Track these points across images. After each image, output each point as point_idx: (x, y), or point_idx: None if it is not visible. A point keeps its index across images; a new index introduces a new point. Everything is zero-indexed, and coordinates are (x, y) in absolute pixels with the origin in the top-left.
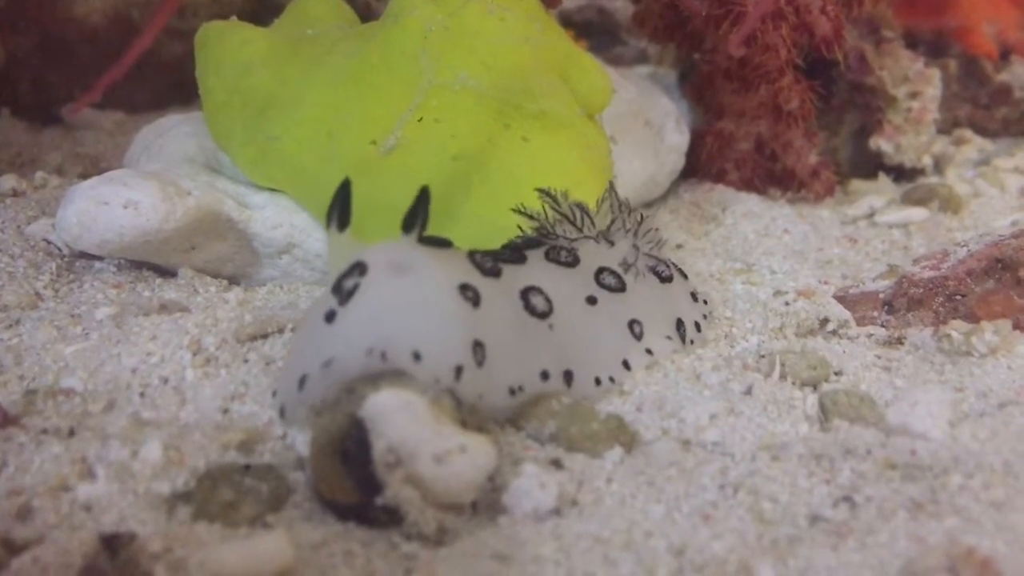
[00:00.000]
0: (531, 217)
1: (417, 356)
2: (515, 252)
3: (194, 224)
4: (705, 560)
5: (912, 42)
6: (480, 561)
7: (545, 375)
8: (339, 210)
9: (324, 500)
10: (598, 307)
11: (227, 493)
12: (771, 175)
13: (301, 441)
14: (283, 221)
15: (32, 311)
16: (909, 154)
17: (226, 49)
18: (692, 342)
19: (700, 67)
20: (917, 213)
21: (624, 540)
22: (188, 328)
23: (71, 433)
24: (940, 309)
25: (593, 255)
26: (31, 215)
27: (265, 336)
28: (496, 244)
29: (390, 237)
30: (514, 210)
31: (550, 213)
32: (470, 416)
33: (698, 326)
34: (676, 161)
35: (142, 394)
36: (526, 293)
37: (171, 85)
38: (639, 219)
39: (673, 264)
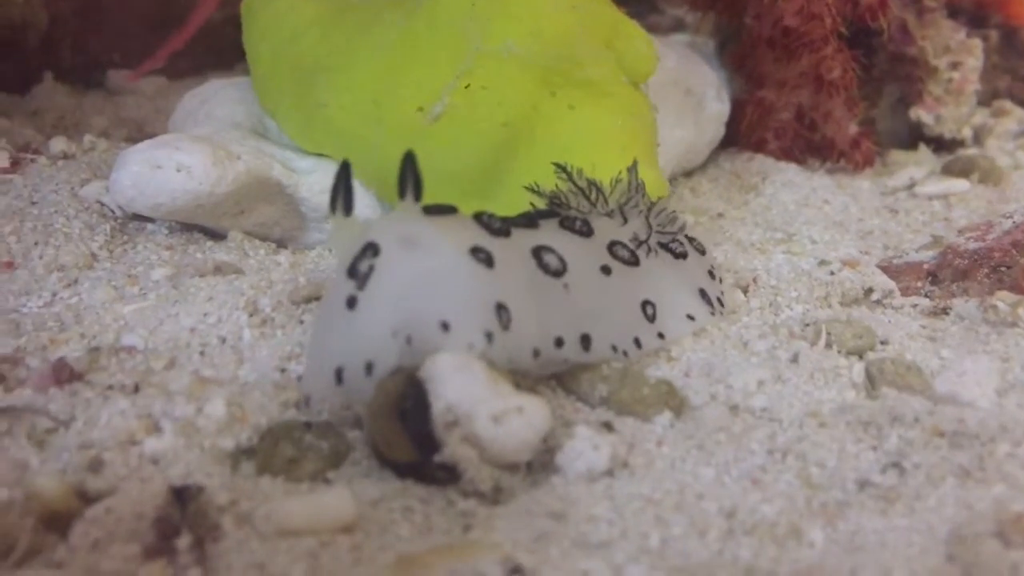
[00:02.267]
0: (543, 195)
1: (445, 326)
2: (527, 218)
3: (244, 188)
4: (755, 522)
5: (953, 12)
6: (536, 519)
7: (560, 341)
8: (343, 194)
9: (383, 458)
10: (612, 277)
11: (289, 450)
12: (810, 145)
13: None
14: (329, 186)
15: (89, 271)
16: (949, 125)
17: (273, 16)
18: (719, 313)
19: (741, 36)
20: (958, 184)
21: (675, 501)
22: (243, 289)
23: (136, 389)
24: (985, 280)
25: (607, 229)
26: (84, 178)
27: (319, 298)
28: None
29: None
30: (527, 188)
31: (565, 187)
32: (522, 379)
33: (720, 301)
34: (716, 130)
35: (202, 353)
36: (538, 251)
37: (211, 50)
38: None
39: (691, 240)
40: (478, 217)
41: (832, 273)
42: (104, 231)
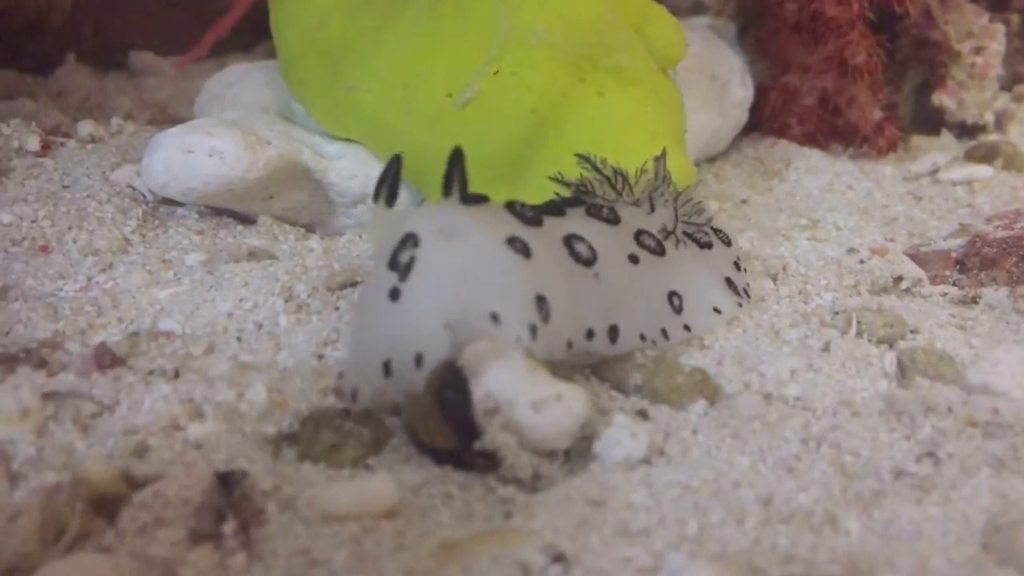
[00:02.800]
0: (568, 185)
1: (495, 318)
2: (555, 207)
3: (274, 173)
4: (792, 510)
5: None
6: (575, 507)
7: (591, 332)
8: (389, 185)
9: (422, 445)
10: (640, 266)
11: (330, 436)
12: (834, 130)
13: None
14: (358, 172)
15: (123, 255)
16: (971, 110)
17: (300, 0)
18: (745, 303)
19: (765, 20)
20: (981, 171)
21: (712, 489)
22: (278, 275)
23: (176, 375)
24: (1013, 269)
25: (633, 217)
26: (114, 161)
27: (354, 284)
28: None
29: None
30: (551, 178)
31: (590, 175)
32: (559, 368)
33: (746, 292)
34: (740, 116)
35: (239, 338)
36: (569, 240)
37: (230, 31)
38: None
39: (716, 231)
40: (510, 206)
41: (862, 261)
42: (136, 215)
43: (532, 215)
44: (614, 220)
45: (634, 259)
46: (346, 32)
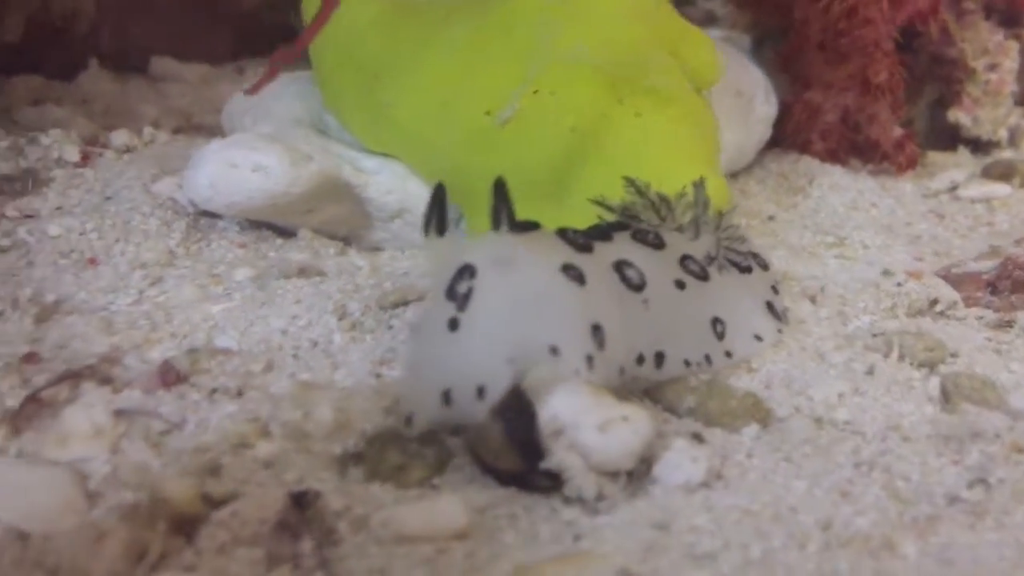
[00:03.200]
0: (611, 208)
1: (555, 351)
2: (601, 231)
3: (317, 188)
4: (850, 535)
5: (987, 11)
6: (640, 530)
7: (641, 358)
8: (437, 215)
9: (485, 466)
10: (686, 292)
11: (396, 456)
12: (854, 146)
13: None
14: (396, 187)
15: (170, 268)
16: (986, 127)
17: (337, 15)
18: (780, 330)
19: (788, 36)
20: (1000, 189)
21: (773, 513)
22: (331, 293)
23: (239, 393)
24: None
25: (677, 242)
26: (153, 172)
27: (406, 304)
28: (609, 218)
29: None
30: (593, 201)
31: (635, 199)
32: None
33: (785, 316)
34: (764, 131)
35: (295, 356)
36: (619, 266)
37: (247, 36)
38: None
39: (754, 255)
40: (561, 233)
41: (899, 284)
42: (179, 228)
43: (583, 241)
44: (660, 245)
45: (680, 285)
46: (384, 48)
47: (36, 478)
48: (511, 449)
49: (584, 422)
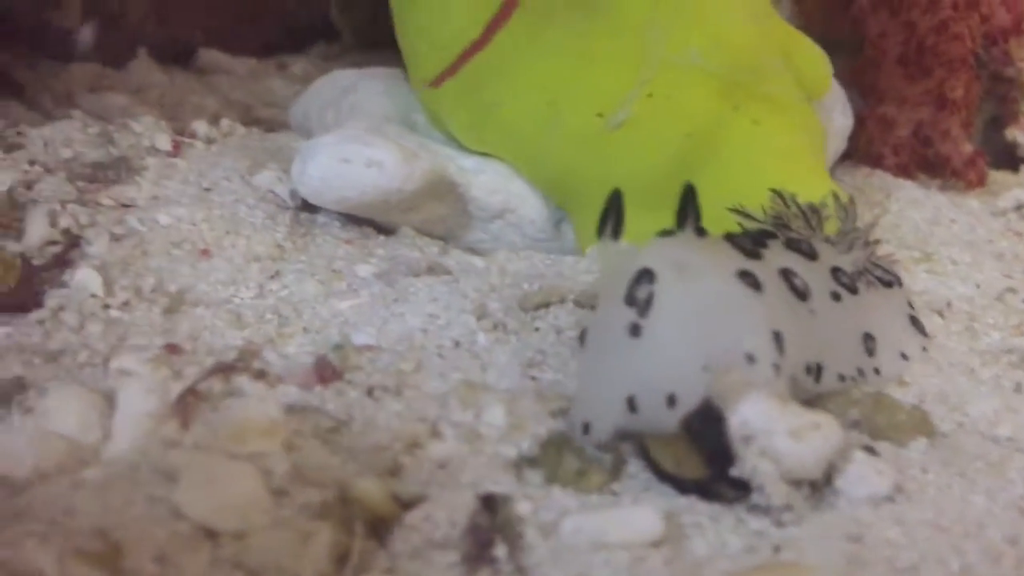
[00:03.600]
0: (751, 217)
1: (751, 358)
2: (756, 238)
3: (427, 186)
4: None
5: None
6: (835, 542)
7: (808, 368)
8: (614, 219)
9: (663, 474)
10: (841, 304)
11: (574, 461)
12: (924, 162)
13: None
14: (501, 187)
15: (284, 263)
16: None
17: (428, 8)
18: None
19: (864, 50)
20: None
21: (962, 529)
22: (467, 292)
23: (398, 391)
24: None
25: (827, 254)
26: (247, 164)
27: (548, 305)
28: (725, 227)
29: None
30: (732, 210)
31: (784, 210)
32: None
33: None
34: (840, 144)
35: (440, 355)
36: (786, 273)
37: (283, 31)
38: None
39: (891, 270)
40: (729, 238)
41: None
42: (284, 222)
43: (752, 248)
44: (813, 256)
45: (836, 296)
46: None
47: (221, 473)
48: (697, 457)
49: (776, 428)
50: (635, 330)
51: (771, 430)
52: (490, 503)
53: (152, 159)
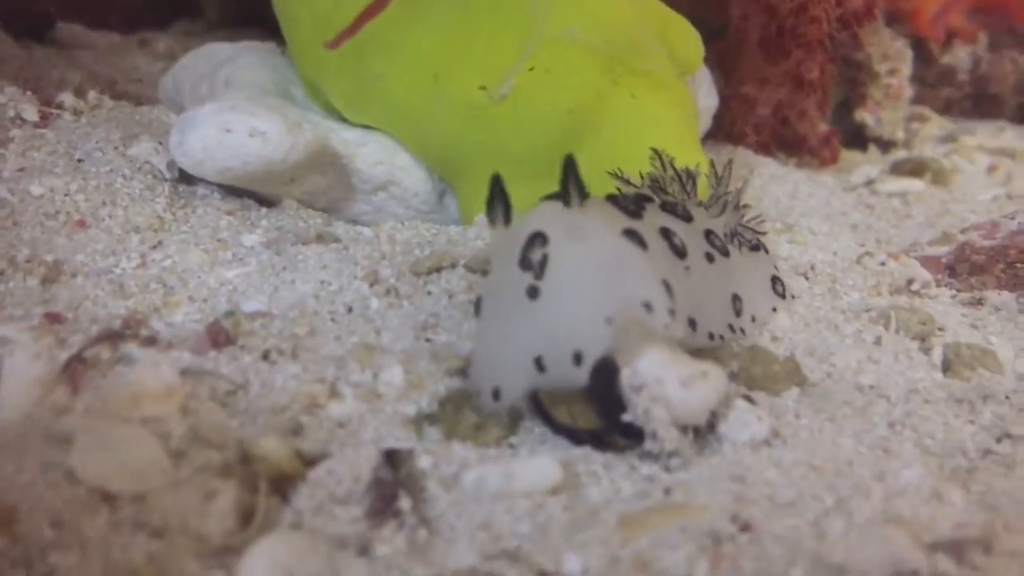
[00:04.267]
0: (629, 183)
1: (649, 307)
2: (636, 200)
3: (311, 157)
4: (903, 486)
5: (888, 20)
6: (722, 482)
7: (689, 321)
8: (501, 206)
9: (558, 426)
10: (714, 265)
11: (471, 416)
12: (782, 140)
13: None
14: (384, 159)
15: (166, 233)
16: (887, 127)
17: None
18: (793, 297)
19: (727, 33)
20: (915, 184)
21: (834, 468)
22: (357, 259)
23: (294, 355)
24: (1001, 275)
25: (701, 217)
26: (121, 136)
27: (439, 270)
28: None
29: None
30: (611, 174)
31: (661, 173)
32: None
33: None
34: (705, 123)
35: (333, 320)
36: (665, 232)
37: (144, 6)
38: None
39: (757, 234)
40: (612, 199)
41: (882, 264)
42: (163, 193)
43: (634, 208)
44: (688, 218)
45: (710, 257)
46: None
47: (115, 437)
48: (589, 408)
49: (667, 377)
50: (533, 292)
51: (662, 379)
52: (392, 458)
53: (18, 130)
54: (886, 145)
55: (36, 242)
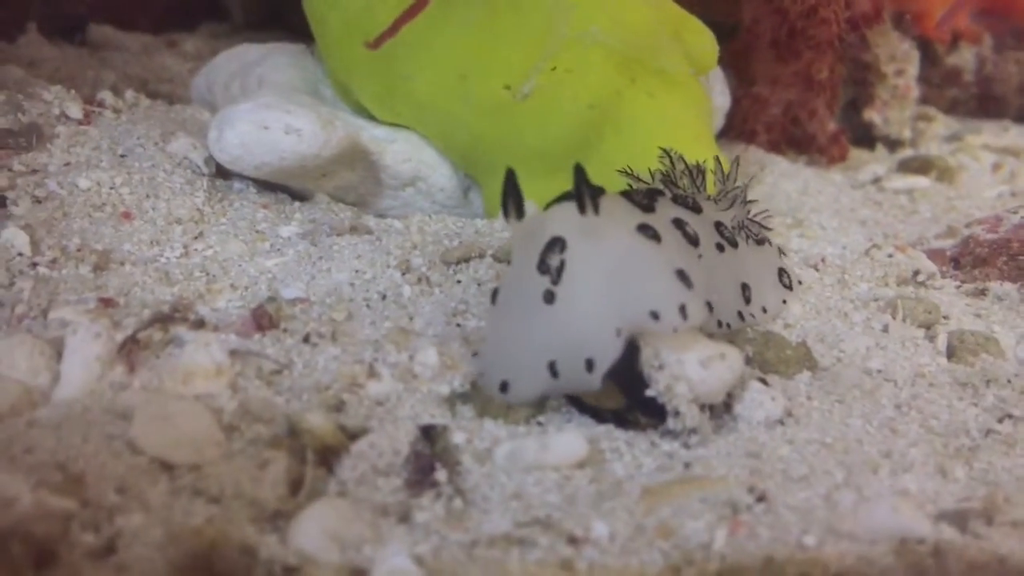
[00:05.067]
0: (640, 179)
1: (655, 315)
2: (648, 195)
3: (342, 153)
4: (909, 462)
5: (895, 21)
6: (738, 459)
7: (709, 307)
8: (514, 200)
9: (584, 406)
10: (724, 255)
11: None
12: (793, 138)
13: None
14: (412, 155)
15: (206, 225)
16: (894, 127)
17: None
18: (800, 283)
19: (739, 34)
20: (921, 182)
21: (844, 446)
22: (390, 249)
23: (334, 338)
24: (1003, 267)
25: (709, 210)
26: (160, 133)
27: (468, 260)
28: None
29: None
30: (622, 172)
31: (671, 168)
32: None
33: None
34: (718, 122)
35: (368, 306)
36: (678, 222)
37: (172, 9)
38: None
39: (764, 227)
40: (626, 195)
41: (890, 256)
42: (201, 187)
43: (647, 202)
44: (698, 210)
45: (720, 247)
46: (393, 19)
47: (172, 411)
48: (612, 388)
49: (687, 357)
50: (550, 297)
51: (683, 359)
52: (429, 433)
53: (63, 127)
54: (893, 144)
55: (85, 232)
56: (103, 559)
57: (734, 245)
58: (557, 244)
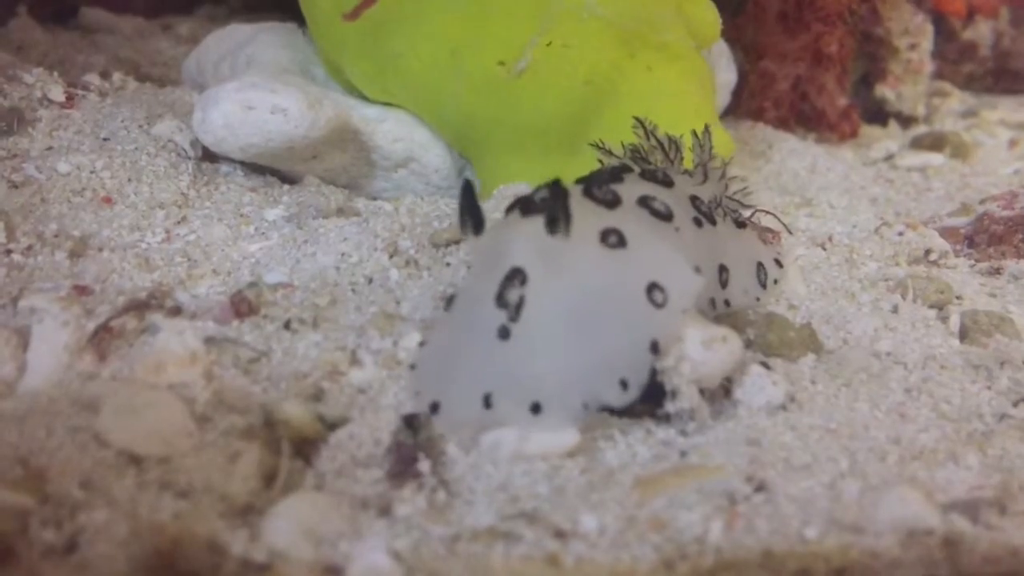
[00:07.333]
0: (611, 153)
1: (624, 385)
2: (611, 174)
3: (332, 133)
4: (919, 449)
5: None
6: (737, 446)
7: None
8: (472, 215)
9: None
10: (702, 231)
11: None
12: (802, 115)
13: None
14: (404, 135)
15: (190, 209)
16: (907, 103)
17: None
18: (776, 281)
19: (746, 7)
20: (934, 158)
21: (849, 432)
22: (377, 231)
23: (315, 324)
24: (1020, 245)
25: (684, 183)
26: (145, 115)
27: (458, 242)
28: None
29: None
30: (593, 144)
31: (644, 142)
32: None
33: (778, 262)
34: (724, 98)
35: (353, 290)
36: (644, 200)
37: None
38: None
39: (743, 208)
40: (587, 193)
41: (900, 234)
42: (187, 170)
43: (612, 198)
44: (668, 183)
45: (698, 223)
46: None
47: (141, 402)
48: None
49: (691, 337)
50: (504, 333)
51: (686, 339)
52: (412, 422)
53: (45, 111)
54: (907, 120)
55: (63, 218)
56: (63, 557)
57: (712, 222)
58: (517, 277)
